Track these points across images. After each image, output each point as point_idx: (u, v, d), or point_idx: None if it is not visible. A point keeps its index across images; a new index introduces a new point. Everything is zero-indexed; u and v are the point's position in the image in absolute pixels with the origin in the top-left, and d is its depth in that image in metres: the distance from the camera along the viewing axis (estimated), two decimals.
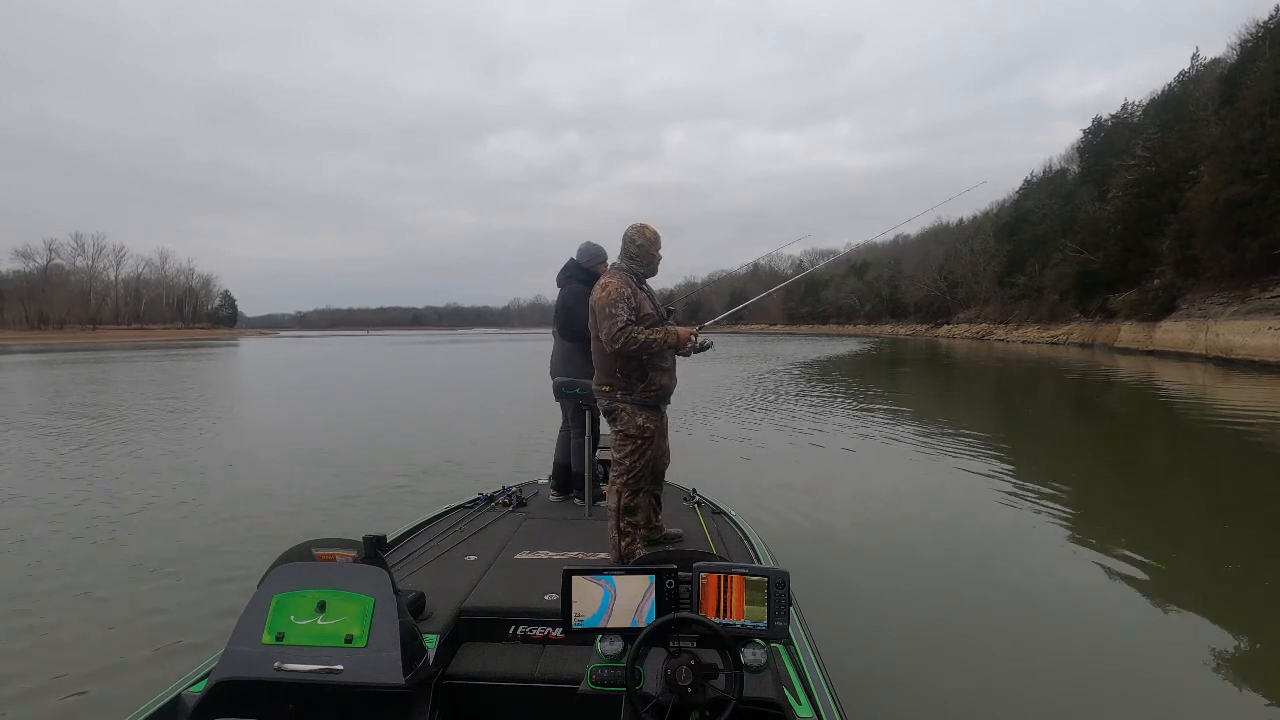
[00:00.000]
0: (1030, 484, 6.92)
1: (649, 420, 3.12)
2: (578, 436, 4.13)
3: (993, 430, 10.96)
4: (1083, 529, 5.49)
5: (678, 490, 4.22)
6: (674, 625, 1.73)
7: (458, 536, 3.41)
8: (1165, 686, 3.20)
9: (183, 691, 1.95)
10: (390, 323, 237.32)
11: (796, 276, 63.92)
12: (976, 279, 66.14)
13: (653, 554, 2.27)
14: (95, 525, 5.72)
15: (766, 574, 1.80)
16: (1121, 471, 8.20)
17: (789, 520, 5.63)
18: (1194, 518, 6.21)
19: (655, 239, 3.20)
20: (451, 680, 2.21)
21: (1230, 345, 24.05)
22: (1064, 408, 15.18)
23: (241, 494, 6.76)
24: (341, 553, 2.10)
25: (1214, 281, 28.08)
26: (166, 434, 10.68)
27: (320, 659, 1.87)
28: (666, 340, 3.05)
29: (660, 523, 3.36)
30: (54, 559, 4.91)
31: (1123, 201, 37.93)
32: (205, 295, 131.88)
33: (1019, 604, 4.09)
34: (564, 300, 4.09)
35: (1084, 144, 54.14)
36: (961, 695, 3.08)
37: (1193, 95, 37.30)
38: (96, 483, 7.32)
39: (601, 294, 3.04)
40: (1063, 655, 3.40)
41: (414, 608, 2.28)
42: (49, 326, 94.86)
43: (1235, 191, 26.34)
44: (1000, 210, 68.24)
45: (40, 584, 4.43)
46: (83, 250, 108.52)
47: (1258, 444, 9.54)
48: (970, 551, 5.02)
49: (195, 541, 5.24)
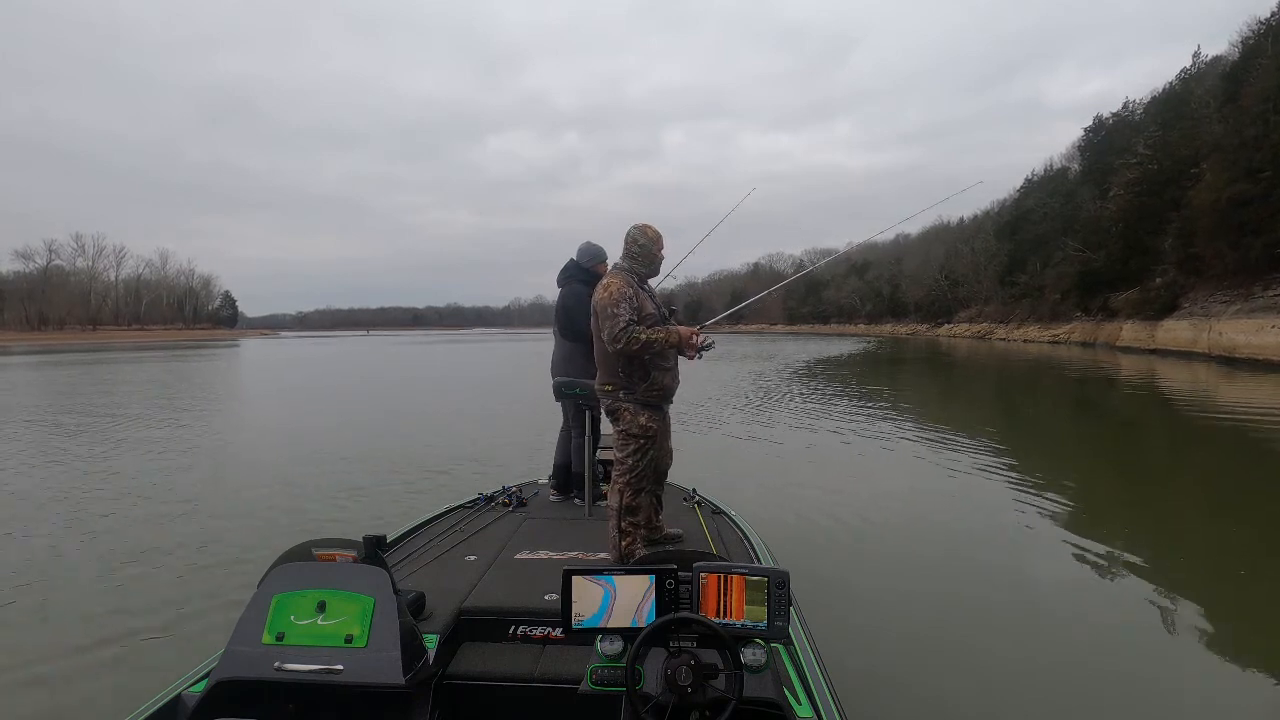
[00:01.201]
0: (1031, 484, 6.92)
1: (651, 420, 3.12)
2: (578, 436, 4.13)
3: (994, 430, 10.95)
4: (1083, 529, 5.47)
5: (678, 490, 4.22)
6: (674, 625, 1.73)
7: (458, 536, 3.41)
8: (1166, 687, 3.20)
9: (183, 691, 1.95)
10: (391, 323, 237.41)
11: (795, 275, 63.97)
12: (978, 278, 66.03)
13: (653, 554, 2.27)
14: (95, 526, 5.72)
15: (766, 574, 1.80)
16: (1122, 471, 8.18)
17: (789, 520, 5.62)
18: (1196, 517, 6.19)
19: (657, 239, 3.20)
20: (451, 680, 2.21)
21: (1233, 344, 23.97)
22: (1065, 407, 15.16)
23: (241, 494, 6.77)
24: (341, 553, 2.10)
25: (1216, 280, 27.98)
26: (167, 434, 10.69)
27: (320, 659, 1.87)
28: (668, 339, 3.05)
29: (660, 523, 3.36)
30: (53, 558, 4.92)
31: (1124, 200, 37.83)
32: (206, 295, 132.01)
33: (1019, 604, 4.09)
34: (564, 300, 4.09)
35: (1085, 142, 54.04)
36: (962, 695, 3.07)
37: (1194, 93, 37.17)
38: (96, 483, 7.33)
39: (603, 294, 3.04)
40: (1063, 655, 3.39)
41: (414, 608, 2.28)
42: (49, 327, 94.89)
43: (1238, 189, 26.26)
44: (1001, 209, 68.17)
45: (40, 583, 4.43)
46: (83, 251, 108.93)
47: (1260, 442, 9.52)
48: (970, 551, 5.01)
49: (195, 541, 5.24)
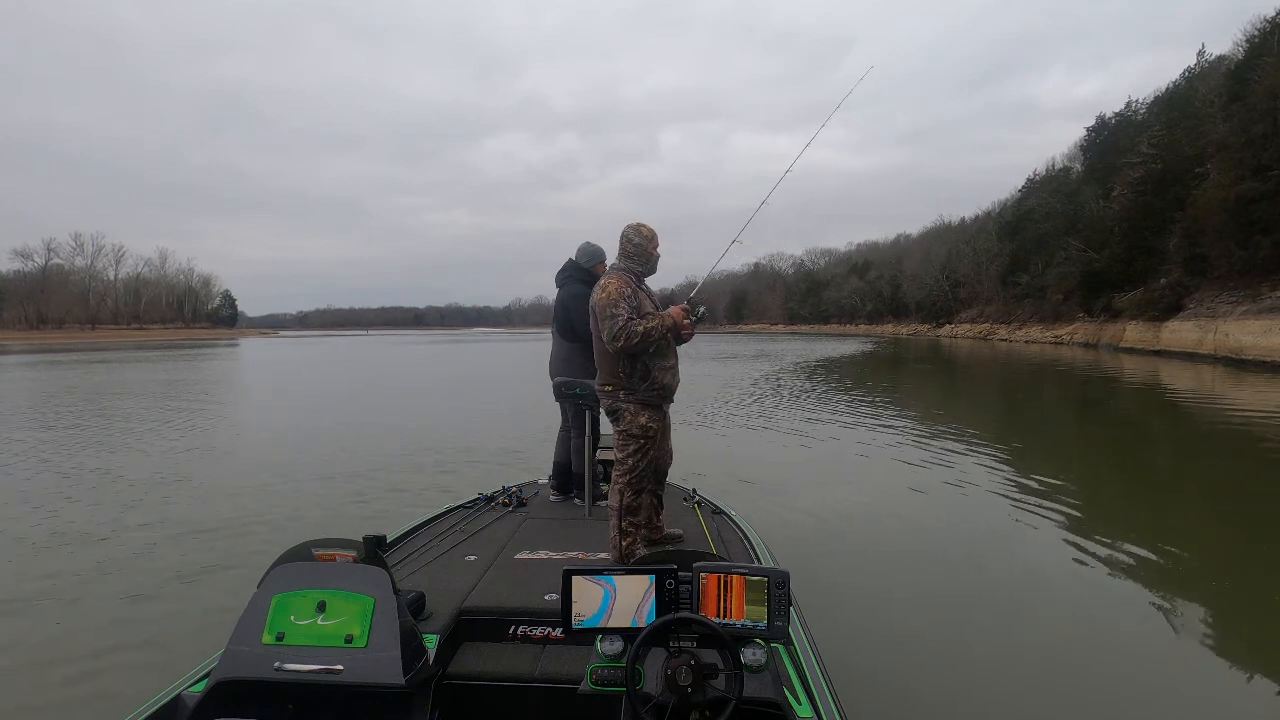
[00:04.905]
0: (1033, 485, 6.90)
1: (652, 420, 3.11)
2: (578, 437, 4.12)
3: (996, 431, 10.93)
4: (1085, 530, 5.46)
5: (678, 490, 4.21)
6: (674, 625, 1.73)
7: (458, 536, 3.41)
8: (1167, 688, 3.19)
9: (183, 691, 1.95)
10: (391, 323, 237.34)
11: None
12: (979, 278, 65.93)
13: (653, 554, 2.26)
14: (94, 525, 5.73)
15: (766, 574, 1.80)
16: (1125, 474, 8.16)
17: (789, 520, 5.62)
18: (1199, 520, 6.18)
19: (652, 237, 3.21)
20: (452, 680, 2.21)
21: (1241, 345, 23.69)
22: (1068, 408, 15.13)
23: (241, 494, 6.77)
24: (341, 553, 2.10)
25: (1222, 280, 27.75)
26: (167, 434, 10.71)
27: (320, 659, 1.87)
28: (663, 324, 3.03)
29: (660, 523, 3.35)
30: (51, 557, 4.92)
31: (1128, 199, 37.69)
32: (205, 295, 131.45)
33: (1020, 604, 4.08)
34: (563, 301, 4.09)
35: (1087, 142, 53.95)
36: (962, 695, 3.07)
37: (1199, 91, 37.06)
38: (96, 482, 7.34)
39: (601, 295, 3.04)
40: (1064, 656, 3.38)
41: (414, 608, 2.28)
42: (48, 326, 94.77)
43: (1246, 188, 26.04)
44: (1003, 209, 68.06)
45: (39, 582, 4.44)
46: (81, 250, 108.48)
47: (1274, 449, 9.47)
48: (972, 552, 5.00)
49: (195, 541, 5.25)
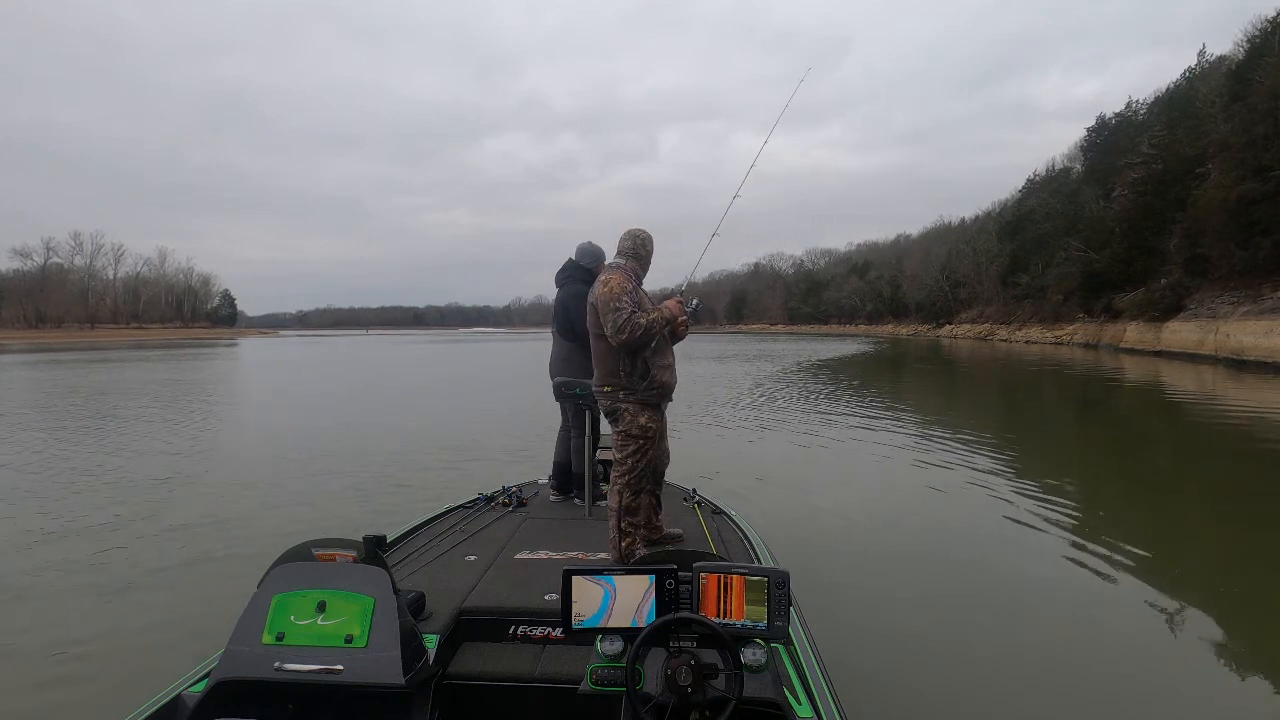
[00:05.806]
0: (1033, 486, 6.90)
1: (651, 420, 3.12)
2: (578, 437, 4.12)
3: (996, 432, 10.92)
4: (1086, 531, 5.46)
5: (678, 490, 4.22)
6: (674, 625, 1.73)
7: (458, 536, 3.41)
8: (1168, 689, 3.19)
9: (183, 691, 1.95)
10: (391, 322, 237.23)
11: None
12: (979, 279, 65.93)
13: (653, 554, 2.27)
14: (94, 524, 5.73)
15: (766, 574, 1.80)
16: (1125, 474, 8.16)
17: (789, 520, 5.62)
18: (1200, 521, 6.18)
19: (648, 238, 3.32)
20: (452, 680, 2.21)
21: (1241, 346, 23.65)
22: (1068, 409, 15.13)
23: (241, 495, 6.77)
24: (341, 553, 2.10)
25: (1223, 281, 27.74)
26: (167, 434, 10.71)
27: (320, 659, 1.87)
28: (662, 316, 3.08)
29: (660, 523, 3.36)
30: (51, 557, 4.92)
31: (1128, 200, 37.70)
32: (205, 294, 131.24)
33: (1020, 605, 4.08)
34: (563, 300, 4.09)
35: (1088, 142, 53.97)
36: (962, 695, 3.06)
37: (1200, 92, 37.04)
38: (95, 482, 7.34)
39: (604, 289, 3.05)
40: (1065, 656, 3.38)
41: (414, 608, 2.28)
42: (47, 325, 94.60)
43: (1247, 188, 26.03)
44: (1003, 209, 68.06)
45: (39, 582, 4.44)
46: (81, 249, 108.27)
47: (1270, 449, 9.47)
48: (972, 552, 5.00)
49: (195, 541, 5.25)
